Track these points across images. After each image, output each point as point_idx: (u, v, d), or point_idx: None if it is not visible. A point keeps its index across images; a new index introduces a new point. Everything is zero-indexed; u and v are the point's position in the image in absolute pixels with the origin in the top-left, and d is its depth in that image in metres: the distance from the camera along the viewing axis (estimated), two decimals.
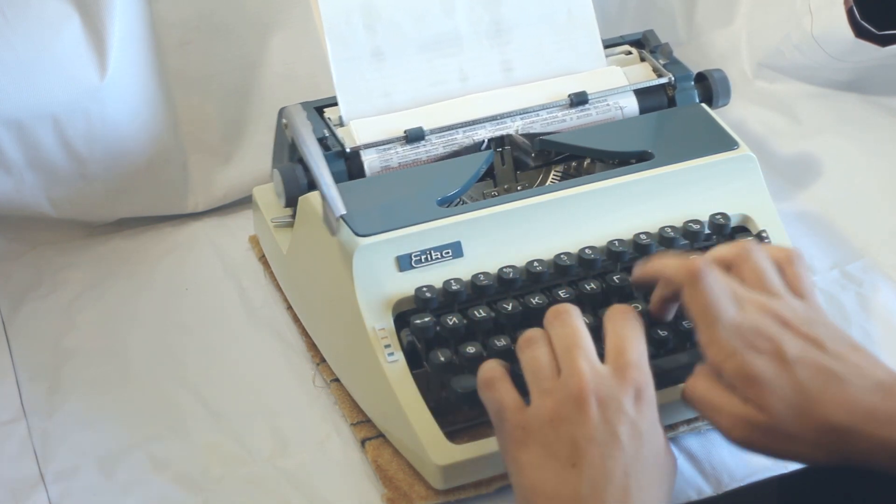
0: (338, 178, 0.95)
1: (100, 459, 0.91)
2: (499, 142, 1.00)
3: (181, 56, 1.12)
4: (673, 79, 1.04)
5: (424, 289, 0.88)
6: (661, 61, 1.06)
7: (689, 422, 0.89)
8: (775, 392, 0.76)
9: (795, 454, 0.78)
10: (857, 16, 1.19)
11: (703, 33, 1.32)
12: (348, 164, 0.97)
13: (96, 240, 1.13)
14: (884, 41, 1.19)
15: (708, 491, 0.87)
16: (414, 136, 0.98)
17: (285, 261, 1.00)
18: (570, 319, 0.79)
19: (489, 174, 1.00)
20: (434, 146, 0.98)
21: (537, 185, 1.00)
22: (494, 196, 0.97)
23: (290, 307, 1.03)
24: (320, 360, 0.97)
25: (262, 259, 1.08)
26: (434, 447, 0.84)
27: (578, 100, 1.01)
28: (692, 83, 1.04)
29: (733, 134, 0.98)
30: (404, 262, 0.89)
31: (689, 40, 1.32)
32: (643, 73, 1.06)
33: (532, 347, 0.79)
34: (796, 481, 0.88)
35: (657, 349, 0.88)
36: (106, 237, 1.14)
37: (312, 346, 0.99)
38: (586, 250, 0.91)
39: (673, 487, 0.77)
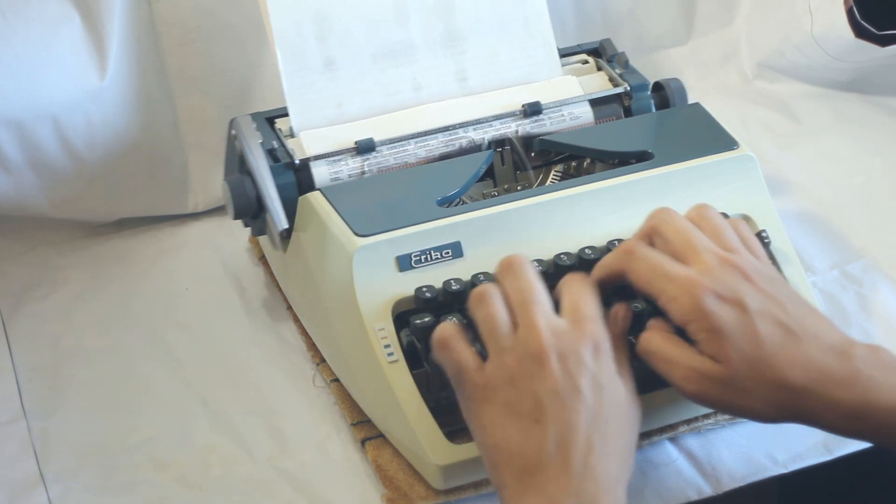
0: (286, 190, 0.95)
1: (100, 459, 0.91)
2: (499, 142, 1.00)
3: (181, 56, 1.12)
4: (629, 88, 1.04)
5: (424, 289, 0.88)
6: (618, 70, 1.06)
7: (688, 422, 0.89)
8: (735, 343, 0.78)
9: (748, 410, 0.80)
10: (857, 16, 1.19)
11: (703, 33, 1.32)
12: (298, 176, 0.96)
13: (96, 240, 1.13)
14: (884, 41, 1.19)
15: (708, 491, 0.87)
16: (364, 148, 0.98)
17: (285, 261, 1.00)
18: (522, 272, 0.80)
19: (489, 174, 1.00)
20: (385, 157, 0.98)
21: (537, 185, 1.00)
22: (494, 196, 0.97)
23: (290, 307, 1.03)
24: (320, 360, 0.97)
25: (262, 259, 1.08)
26: (434, 447, 0.84)
27: (532, 110, 1.01)
28: (648, 92, 1.04)
29: (733, 134, 0.98)
30: (404, 263, 0.89)
31: (689, 40, 1.32)
32: (599, 83, 1.06)
33: (486, 304, 0.79)
34: (796, 481, 0.88)
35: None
36: (106, 237, 1.14)
37: (312, 346, 0.99)
38: (586, 250, 0.91)
39: (637, 436, 0.78)
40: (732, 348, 0.78)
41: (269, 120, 1.02)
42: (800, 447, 0.88)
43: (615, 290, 0.86)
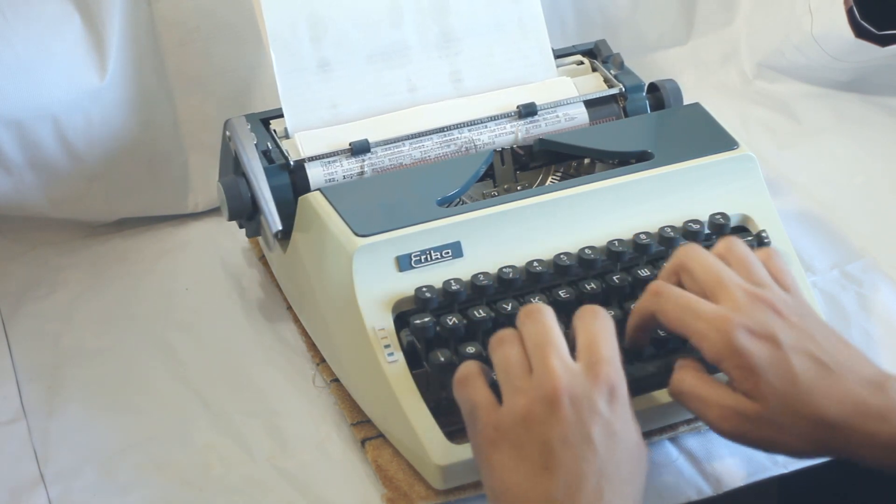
0: (281, 192, 0.96)
1: (100, 459, 0.91)
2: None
3: (181, 56, 1.12)
4: (623, 89, 1.04)
5: (424, 289, 0.88)
6: (613, 71, 1.06)
7: (688, 422, 0.89)
8: (770, 380, 0.77)
9: (784, 446, 0.79)
10: (857, 16, 1.19)
11: (703, 33, 1.32)
12: (292, 178, 0.96)
13: (96, 240, 1.13)
14: (884, 41, 1.19)
15: (708, 491, 0.87)
16: (359, 149, 0.97)
17: (285, 261, 1.00)
18: (541, 318, 0.78)
19: (489, 174, 1.00)
20: (380, 158, 0.98)
21: (537, 185, 1.00)
22: (494, 196, 0.97)
23: (290, 307, 1.03)
24: (320, 360, 0.97)
25: (262, 259, 1.08)
26: (434, 447, 0.84)
27: (527, 111, 1.01)
28: (643, 94, 1.04)
29: (733, 134, 0.98)
30: (404, 262, 0.89)
31: (689, 40, 1.32)
32: (594, 84, 1.06)
33: (503, 346, 0.78)
34: (796, 481, 0.88)
35: (657, 348, 0.88)
36: (106, 237, 1.14)
37: (312, 346, 0.99)
38: (586, 250, 0.91)
39: (645, 481, 0.77)
40: (766, 385, 0.77)
41: (265, 121, 1.02)
42: None
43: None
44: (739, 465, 0.88)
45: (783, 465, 0.88)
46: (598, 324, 0.78)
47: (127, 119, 1.10)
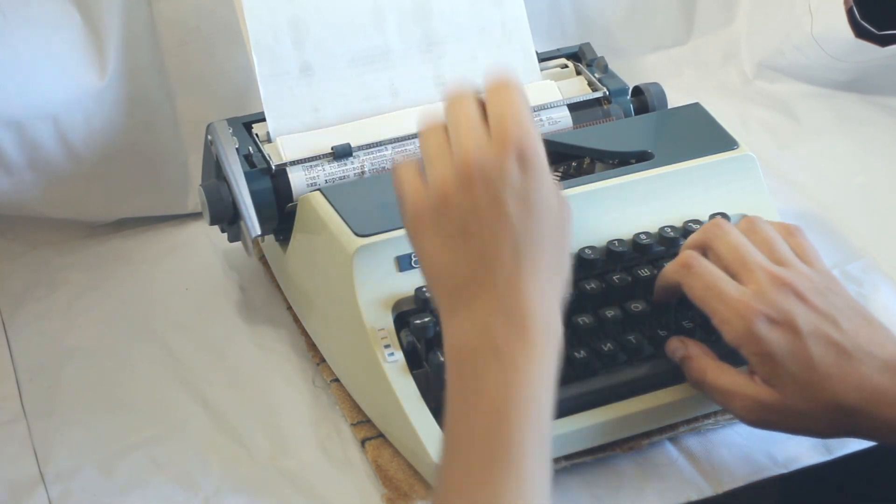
0: (262, 196, 0.95)
1: (100, 459, 0.91)
2: None
3: (181, 56, 1.12)
4: (608, 92, 1.04)
5: (424, 289, 0.88)
6: (597, 75, 1.06)
7: (689, 422, 0.89)
8: (787, 367, 0.78)
9: (807, 430, 0.81)
10: (857, 16, 1.19)
11: (703, 33, 1.32)
12: (274, 182, 0.96)
13: (96, 240, 1.13)
14: (884, 41, 1.19)
15: (708, 491, 0.87)
16: (341, 153, 0.97)
17: (285, 261, 1.00)
18: (462, 101, 0.76)
19: None
20: (362, 162, 0.98)
21: None
22: None
23: (290, 307, 1.03)
24: (320, 360, 0.97)
25: (262, 259, 1.08)
26: (434, 447, 0.84)
27: None
28: (627, 97, 1.04)
29: (733, 134, 0.98)
30: (404, 262, 0.89)
31: (689, 40, 1.32)
32: (578, 87, 1.06)
33: (426, 134, 0.77)
34: (796, 481, 0.88)
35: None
36: (106, 237, 1.14)
37: (312, 346, 0.99)
38: (586, 250, 0.91)
39: (571, 239, 0.78)
40: (784, 372, 0.78)
41: (247, 125, 1.01)
42: (800, 447, 0.88)
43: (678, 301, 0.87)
44: (739, 465, 0.88)
45: (783, 465, 0.88)
46: (506, 92, 0.76)
47: (127, 119, 1.10)
